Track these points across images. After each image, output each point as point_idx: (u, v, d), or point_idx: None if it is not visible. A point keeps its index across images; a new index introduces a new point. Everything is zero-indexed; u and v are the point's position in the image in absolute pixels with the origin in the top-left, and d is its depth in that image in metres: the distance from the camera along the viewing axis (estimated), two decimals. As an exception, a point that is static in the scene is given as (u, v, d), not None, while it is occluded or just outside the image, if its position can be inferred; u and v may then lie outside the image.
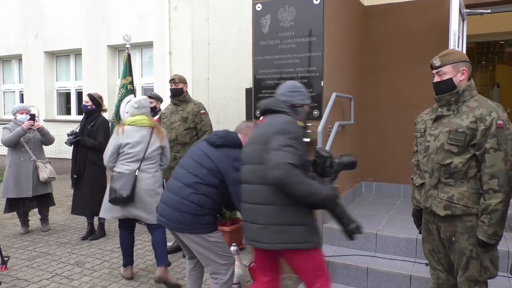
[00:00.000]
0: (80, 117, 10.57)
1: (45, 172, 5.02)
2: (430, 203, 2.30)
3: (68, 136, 4.74)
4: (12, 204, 5.05)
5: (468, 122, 2.14)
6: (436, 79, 2.30)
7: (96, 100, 4.93)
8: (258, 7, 4.01)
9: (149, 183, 3.53)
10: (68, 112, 11.26)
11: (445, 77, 2.25)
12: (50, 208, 5.40)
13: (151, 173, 3.57)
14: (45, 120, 10.50)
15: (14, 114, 5.14)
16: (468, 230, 2.17)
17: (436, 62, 2.29)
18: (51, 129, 10.62)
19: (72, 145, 4.83)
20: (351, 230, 2.28)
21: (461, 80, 2.24)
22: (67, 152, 4.88)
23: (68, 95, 11.26)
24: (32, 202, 5.12)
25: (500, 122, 2.08)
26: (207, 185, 2.64)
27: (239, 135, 2.89)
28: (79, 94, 10.87)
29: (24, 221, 5.24)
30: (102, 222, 5.05)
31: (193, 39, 9.11)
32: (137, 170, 3.48)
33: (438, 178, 2.26)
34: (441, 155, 2.22)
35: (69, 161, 9.53)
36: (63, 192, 7.81)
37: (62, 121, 10.72)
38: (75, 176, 4.84)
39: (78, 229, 5.37)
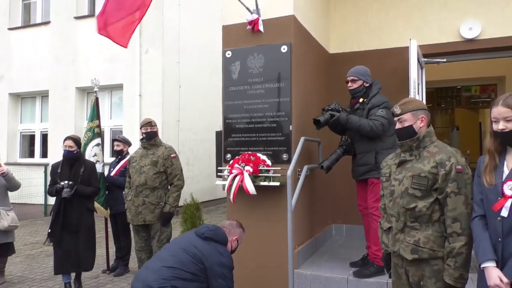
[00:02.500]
0: (44, 160, 10.29)
1: (5, 220, 4.73)
2: (398, 247, 2.33)
3: (63, 188, 4.18)
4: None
5: (430, 167, 2.22)
6: (398, 126, 2.41)
7: (80, 143, 4.64)
8: (228, 54, 4.11)
9: None
10: (31, 154, 10.89)
11: (406, 124, 2.36)
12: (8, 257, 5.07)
13: None
14: (6, 163, 10.09)
15: None
16: (435, 274, 2.20)
17: (397, 110, 2.40)
18: (13, 172, 10.21)
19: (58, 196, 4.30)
20: None
21: (420, 127, 2.35)
22: (28, 197, 4.63)
23: (32, 137, 10.94)
24: None
25: (459, 167, 2.17)
26: (186, 271, 2.70)
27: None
28: (44, 136, 10.59)
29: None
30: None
31: (163, 81, 9.18)
32: None
33: (404, 222, 2.30)
34: (405, 199, 2.28)
35: (30, 206, 9.12)
36: (21, 240, 7.39)
37: (25, 164, 10.35)
38: (58, 230, 4.25)
39: (37, 280, 5.04)
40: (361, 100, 3.72)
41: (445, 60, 4.68)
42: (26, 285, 4.91)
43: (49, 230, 4.30)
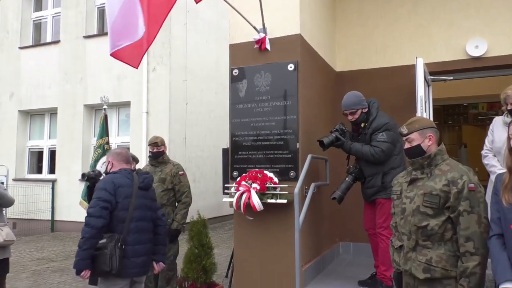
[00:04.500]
0: (51, 176, 10.37)
1: (0, 235, 4.73)
2: (409, 265, 2.30)
3: (90, 172, 4.35)
4: None
5: (441, 185, 2.21)
6: (406, 145, 2.42)
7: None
8: (235, 72, 4.16)
9: None
10: (39, 171, 10.96)
11: (414, 144, 2.37)
12: (13, 274, 5.05)
13: None
14: (15, 179, 10.17)
15: None
16: None
17: (404, 130, 2.42)
18: (21, 188, 10.28)
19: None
20: None
21: (429, 145, 2.35)
22: (36, 212, 4.65)
23: (40, 153, 11.03)
24: None
25: (472, 185, 2.15)
26: None
27: None
28: (52, 153, 10.67)
29: None
30: None
31: (170, 99, 9.26)
32: None
33: (416, 240, 2.27)
34: (417, 217, 2.26)
35: (39, 222, 9.18)
36: (28, 255, 7.38)
37: (33, 180, 10.41)
38: None
39: (43, 297, 5.03)
40: (362, 125, 3.73)
41: (451, 77, 4.70)
42: (31, 302, 4.88)
43: None
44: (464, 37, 4.64)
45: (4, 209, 5.08)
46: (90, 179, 4.26)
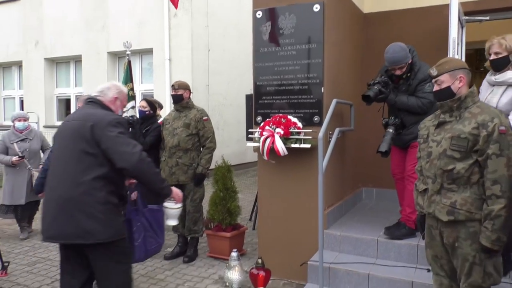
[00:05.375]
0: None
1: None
2: (433, 208, 2.31)
3: (129, 117, 4.58)
4: (9, 211, 5.20)
5: (470, 128, 2.16)
6: (435, 88, 2.35)
7: (154, 106, 4.90)
8: (259, 15, 4.03)
9: None
10: (67, 118, 11.27)
11: (443, 86, 2.29)
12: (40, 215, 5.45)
13: None
14: (45, 126, 10.51)
15: (12, 121, 5.26)
16: (471, 236, 2.17)
17: (433, 72, 2.33)
18: (51, 134, 10.59)
19: None
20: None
21: (459, 87, 2.27)
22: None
23: (68, 101, 11.29)
24: (27, 209, 5.24)
25: (503, 128, 2.10)
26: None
27: None
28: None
29: (22, 227, 5.30)
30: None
31: (192, 46, 9.16)
32: None
33: (441, 183, 2.27)
34: (443, 160, 2.24)
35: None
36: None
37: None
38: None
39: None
40: (404, 76, 3.59)
41: (488, 18, 4.42)
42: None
43: None
44: (504, -27, 4.31)
45: (41, 153, 5.41)
46: (129, 124, 4.42)
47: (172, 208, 2.95)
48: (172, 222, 3.04)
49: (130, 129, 4.45)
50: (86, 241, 2.37)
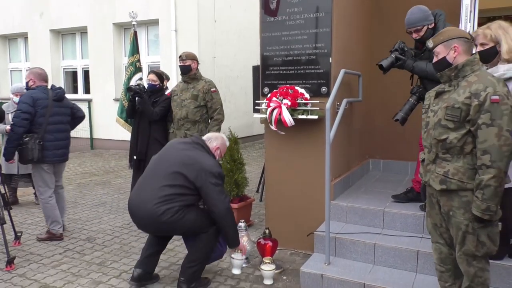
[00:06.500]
0: (87, 96, 10.67)
1: None
2: (428, 177, 2.35)
3: (135, 86, 4.68)
4: (7, 179, 5.26)
5: (464, 98, 2.14)
6: (434, 59, 2.34)
7: (163, 78, 4.86)
8: (266, -18, 3.93)
9: None
10: (75, 90, 11.28)
11: (440, 57, 2.29)
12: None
13: None
14: (53, 99, 10.52)
15: (12, 94, 5.30)
16: (464, 205, 2.19)
17: (430, 44, 2.33)
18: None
19: (131, 117, 4.85)
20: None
21: (454, 57, 2.24)
22: (76, 131, 4.86)
23: (74, 73, 11.26)
24: (22, 179, 5.33)
25: (496, 97, 2.06)
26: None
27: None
28: (86, 73, 10.86)
29: (12, 196, 5.44)
30: None
31: (199, 17, 9.01)
32: None
33: (436, 153, 2.29)
34: (438, 130, 2.25)
35: (79, 140, 9.62)
36: (72, 169, 7.91)
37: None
38: (134, 157, 4.62)
39: (88, 206, 5.46)
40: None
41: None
42: (78, 209, 5.33)
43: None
44: None
45: None
46: (136, 93, 4.46)
47: (238, 259, 3.44)
48: (236, 271, 3.47)
49: (137, 98, 4.48)
50: None
